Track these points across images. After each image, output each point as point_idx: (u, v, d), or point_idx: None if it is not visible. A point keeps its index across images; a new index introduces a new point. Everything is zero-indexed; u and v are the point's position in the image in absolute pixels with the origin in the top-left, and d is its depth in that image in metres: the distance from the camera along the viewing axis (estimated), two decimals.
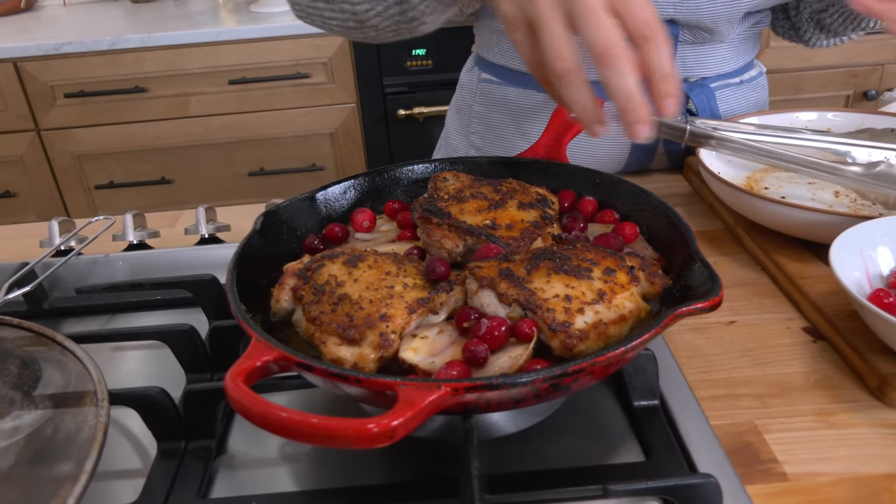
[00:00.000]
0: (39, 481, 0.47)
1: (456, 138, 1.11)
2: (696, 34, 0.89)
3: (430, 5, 0.73)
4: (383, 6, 0.75)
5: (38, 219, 2.18)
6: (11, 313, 0.70)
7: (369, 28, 0.77)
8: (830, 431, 0.54)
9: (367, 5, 0.75)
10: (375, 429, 0.39)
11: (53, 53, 1.95)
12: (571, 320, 0.49)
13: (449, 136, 1.13)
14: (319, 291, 0.53)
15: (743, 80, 0.99)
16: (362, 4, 0.75)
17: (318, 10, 0.79)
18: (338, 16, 0.78)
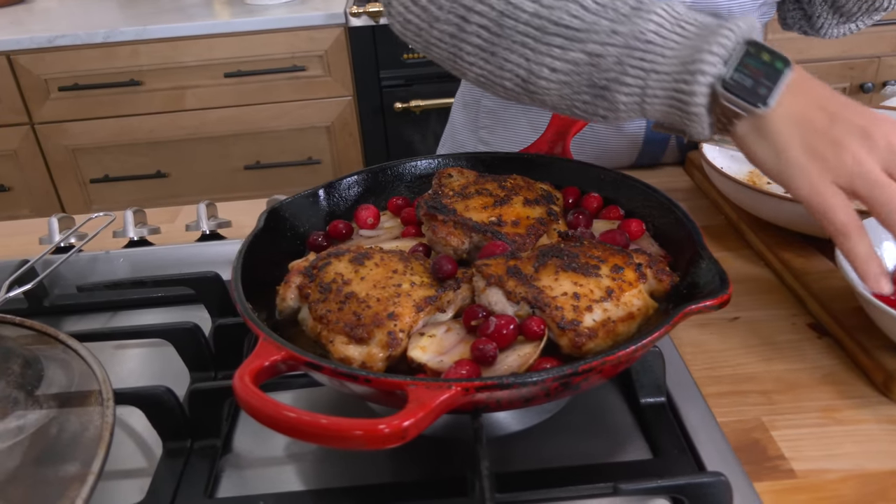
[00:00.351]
0: (46, 482, 0.46)
1: (463, 134, 1.09)
2: None
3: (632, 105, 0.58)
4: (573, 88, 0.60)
5: (32, 213, 2.16)
6: (12, 311, 0.70)
7: (539, 96, 0.62)
8: (837, 428, 0.54)
9: (555, 79, 0.59)
10: (387, 430, 0.39)
11: (47, 46, 1.93)
12: (580, 318, 0.49)
13: (455, 131, 1.12)
14: (326, 290, 0.53)
15: None
16: (549, 75, 0.59)
17: (457, 49, 0.63)
18: (495, 71, 0.62)
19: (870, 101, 2.15)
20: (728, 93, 0.52)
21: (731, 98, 0.52)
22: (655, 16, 0.54)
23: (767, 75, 0.52)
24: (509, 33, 0.59)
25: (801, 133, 0.53)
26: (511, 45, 0.59)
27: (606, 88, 0.56)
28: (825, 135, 0.52)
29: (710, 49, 0.52)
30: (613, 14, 0.56)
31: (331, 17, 1.95)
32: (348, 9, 1.94)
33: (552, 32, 0.57)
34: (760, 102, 0.52)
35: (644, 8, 0.55)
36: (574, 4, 0.56)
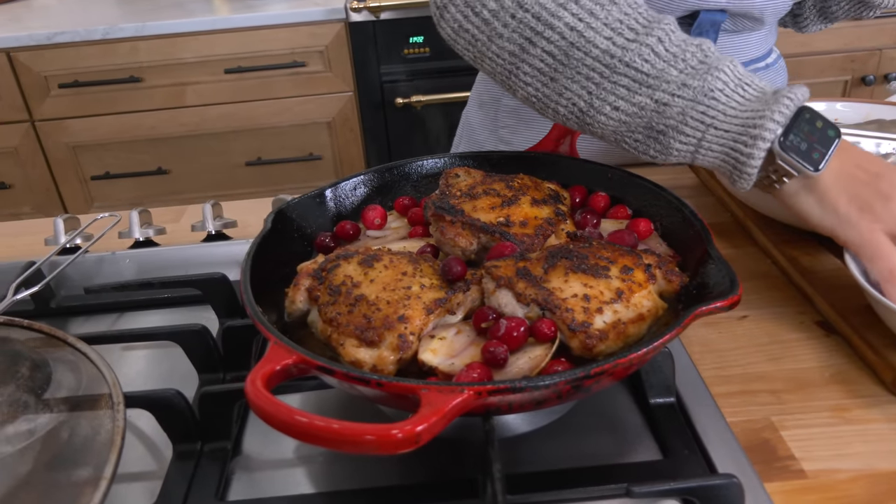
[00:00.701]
0: (58, 486, 0.47)
1: (481, 133, 1.08)
2: (738, 23, 0.88)
3: None
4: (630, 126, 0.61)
5: (33, 210, 2.16)
6: (19, 313, 0.70)
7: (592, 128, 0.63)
8: (847, 427, 0.54)
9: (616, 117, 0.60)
10: (399, 434, 0.39)
11: (47, 43, 1.92)
12: (591, 320, 0.49)
13: (473, 131, 1.11)
14: (335, 292, 0.53)
15: (768, 63, 0.99)
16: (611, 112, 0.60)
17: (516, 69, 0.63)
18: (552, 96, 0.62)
19: (871, 94, 2.15)
20: (785, 153, 0.56)
21: (787, 159, 0.56)
22: (723, 74, 0.58)
23: (820, 141, 0.57)
24: (576, 64, 0.60)
25: (847, 188, 0.58)
26: (575, 76, 0.60)
27: (663, 133, 0.59)
28: (871, 189, 0.57)
29: (772, 116, 0.56)
30: (683, 65, 0.58)
31: (331, 12, 1.94)
32: (348, 4, 1.93)
33: (621, 73, 0.59)
34: (813, 165, 0.56)
35: (712, 63, 0.58)
36: (647, 49, 0.58)
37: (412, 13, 1.98)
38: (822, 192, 0.58)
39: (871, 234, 0.57)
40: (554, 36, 0.60)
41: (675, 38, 0.59)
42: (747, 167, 0.57)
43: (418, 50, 2.03)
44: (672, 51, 0.59)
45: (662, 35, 0.59)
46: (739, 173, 0.58)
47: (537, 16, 0.61)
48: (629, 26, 0.60)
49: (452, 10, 0.65)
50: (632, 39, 0.59)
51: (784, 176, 0.57)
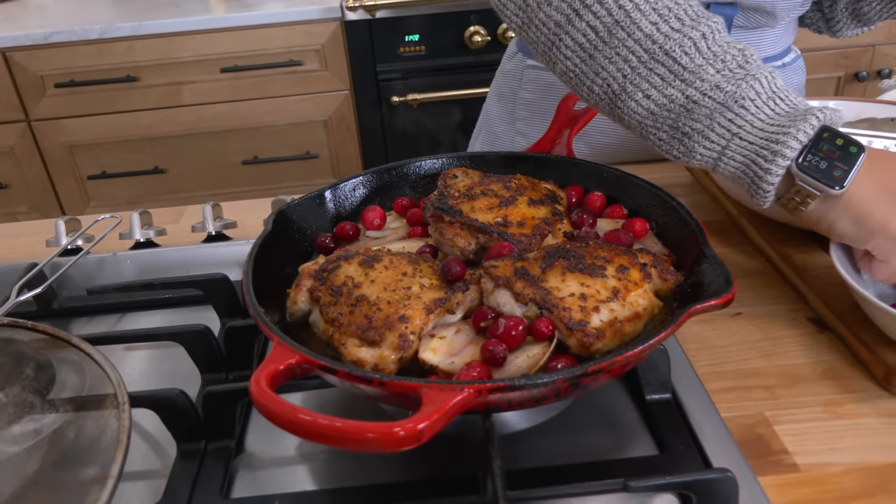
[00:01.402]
0: (65, 486, 0.47)
1: (499, 126, 1.09)
2: (751, 18, 0.88)
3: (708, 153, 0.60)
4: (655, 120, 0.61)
5: (30, 210, 2.16)
6: (21, 314, 0.71)
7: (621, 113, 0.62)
8: (839, 422, 0.55)
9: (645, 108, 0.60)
10: (402, 432, 0.40)
11: (43, 43, 1.92)
12: (588, 319, 0.50)
13: (491, 123, 1.11)
14: (337, 293, 0.54)
15: (785, 63, 0.99)
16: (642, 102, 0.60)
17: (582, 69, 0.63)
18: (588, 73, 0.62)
19: (864, 91, 2.16)
20: (803, 173, 0.55)
21: (806, 179, 0.55)
22: (757, 83, 0.57)
23: (842, 158, 0.55)
24: (617, 44, 0.59)
25: (883, 198, 0.56)
26: (614, 57, 0.60)
27: (688, 136, 0.59)
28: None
29: (795, 134, 0.55)
30: (721, 66, 0.57)
31: (327, 11, 1.95)
32: (344, 3, 1.94)
33: (659, 60, 0.58)
34: (838, 185, 0.55)
35: (749, 69, 0.57)
36: (689, 42, 0.58)
37: (408, 11, 1.99)
38: (854, 208, 0.56)
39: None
40: (601, 11, 0.60)
41: (720, 38, 0.59)
42: (764, 183, 0.56)
43: (414, 48, 2.03)
44: (714, 49, 0.58)
45: (707, 31, 0.58)
46: (756, 188, 0.57)
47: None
48: (677, 16, 0.59)
49: None
50: (676, 29, 0.58)
51: (808, 197, 0.57)
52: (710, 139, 0.58)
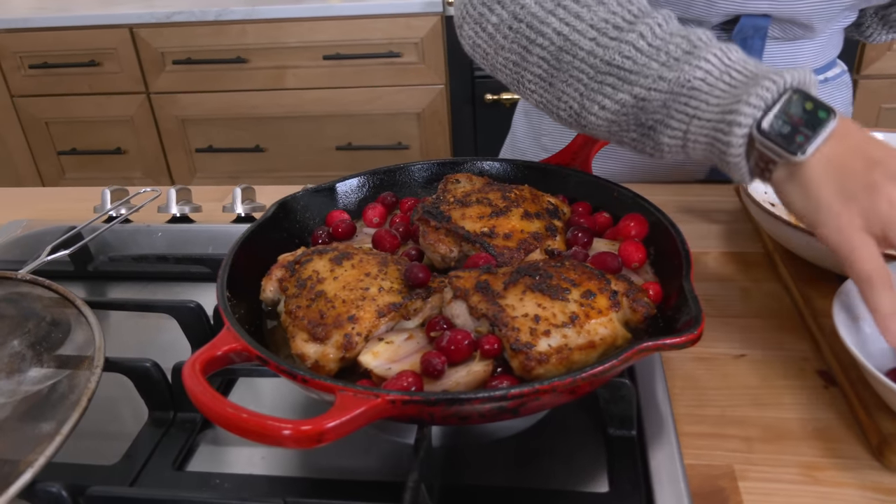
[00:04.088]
0: (23, 436, 0.51)
1: (525, 142, 1.08)
2: (787, 30, 0.84)
3: None
4: None
5: (143, 175, 2.32)
6: (58, 272, 0.76)
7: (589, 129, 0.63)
8: (814, 488, 0.50)
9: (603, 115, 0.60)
10: (288, 432, 0.40)
11: (165, 22, 2.06)
12: (535, 342, 0.48)
13: (516, 139, 1.11)
14: (301, 286, 0.55)
15: (827, 77, 0.94)
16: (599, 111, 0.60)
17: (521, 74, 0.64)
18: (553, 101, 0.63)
19: None
20: (764, 138, 0.51)
21: (766, 143, 0.52)
22: (705, 62, 0.55)
23: (808, 123, 0.51)
24: (567, 68, 0.60)
25: (836, 177, 0.51)
26: (568, 80, 0.61)
27: (653, 129, 0.58)
28: (861, 179, 0.50)
29: (747, 100, 0.52)
30: (665, 57, 0.56)
31: (429, 4, 1.97)
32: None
33: (604, 72, 0.58)
34: (798, 151, 0.51)
35: (696, 53, 0.56)
36: (627, 46, 0.57)
37: None
38: (807, 181, 0.52)
39: (849, 230, 0.50)
40: (545, 42, 0.61)
41: (661, 32, 0.57)
42: (729, 156, 0.53)
43: None
44: (655, 44, 0.56)
45: (645, 30, 0.57)
46: (727, 165, 0.54)
47: (530, 25, 0.61)
48: (614, 24, 0.58)
49: (466, 29, 0.68)
50: (614, 38, 0.58)
51: (770, 163, 0.52)
52: (671, 126, 0.56)
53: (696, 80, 0.54)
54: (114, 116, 2.23)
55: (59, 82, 2.19)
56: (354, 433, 0.56)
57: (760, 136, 0.51)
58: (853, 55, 1.92)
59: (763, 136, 0.51)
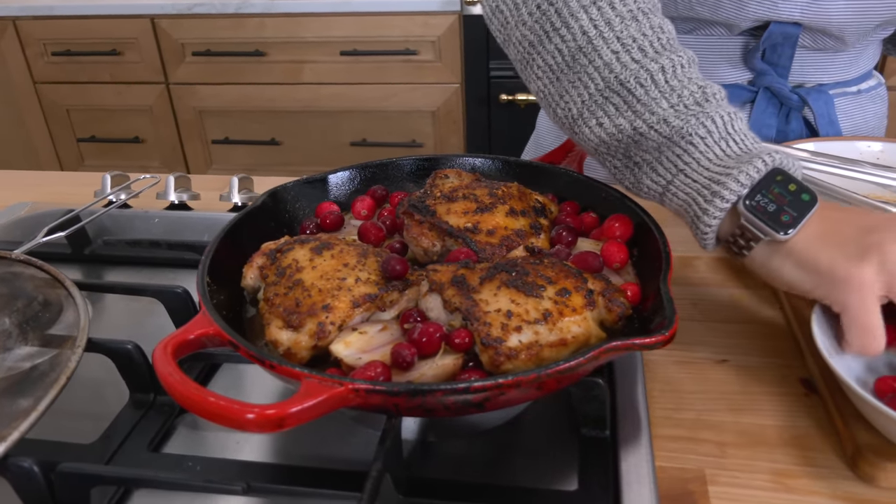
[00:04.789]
0: (2, 411, 0.52)
1: (547, 138, 1.08)
2: (818, 40, 0.84)
3: None
4: None
5: (160, 165, 2.35)
6: (56, 255, 0.78)
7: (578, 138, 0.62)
8: (784, 496, 0.50)
9: None
10: (252, 416, 0.40)
11: (186, 13, 2.08)
12: (505, 337, 0.48)
13: (540, 136, 1.11)
14: (280, 274, 0.55)
15: (861, 89, 0.92)
16: None
17: None
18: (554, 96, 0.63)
19: None
20: (751, 215, 0.52)
21: (753, 221, 0.53)
22: (710, 122, 0.55)
23: (792, 204, 0.53)
24: (578, 70, 0.60)
25: (832, 245, 0.52)
26: (576, 82, 0.60)
27: (638, 166, 0.58)
28: (861, 242, 0.51)
29: (737, 176, 0.53)
30: (677, 101, 0.56)
31: (447, 3, 1.97)
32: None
33: (614, 90, 0.58)
34: (784, 229, 0.52)
35: (706, 108, 0.56)
36: (645, 74, 0.57)
37: None
38: (799, 253, 0.53)
39: (870, 301, 0.50)
40: (567, 35, 0.60)
41: (682, 73, 0.57)
42: (702, 223, 0.54)
43: None
44: (672, 83, 0.56)
45: (668, 65, 0.57)
46: (697, 229, 0.55)
47: (559, 11, 0.60)
48: (640, 47, 0.58)
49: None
50: (636, 60, 0.57)
51: (751, 240, 0.54)
52: (658, 172, 0.56)
53: (697, 136, 0.55)
54: (133, 105, 2.26)
55: (81, 70, 2.22)
56: (333, 425, 0.57)
57: (747, 213, 0.52)
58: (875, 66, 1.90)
59: (749, 211, 0.52)
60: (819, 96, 0.88)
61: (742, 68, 0.87)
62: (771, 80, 0.86)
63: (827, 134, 0.88)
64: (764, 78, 0.86)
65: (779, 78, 0.86)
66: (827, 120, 0.89)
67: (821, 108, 0.88)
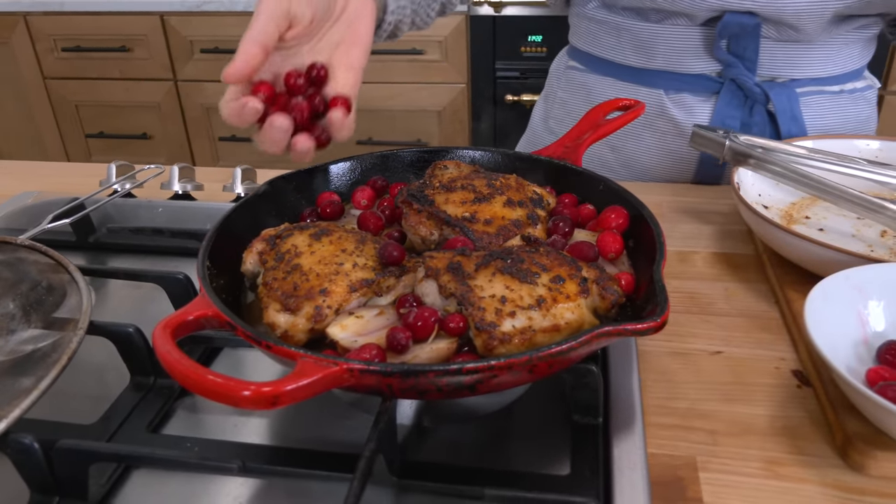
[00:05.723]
0: (4, 390, 0.53)
1: (540, 127, 1.10)
2: (781, 31, 0.85)
3: None
4: None
5: (167, 161, 2.37)
6: (61, 242, 0.79)
7: None
8: (774, 483, 0.50)
9: None
10: (248, 392, 0.41)
11: (195, 10, 2.10)
12: (499, 322, 0.49)
13: (534, 125, 1.13)
14: (279, 259, 0.56)
15: (843, 89, 0.92)
16: None
17: None
18: None
19: None
20: None
21: None
22: None
23: None
24: None
25: None
26: None
27: None
28: None
29: None
30: None
31: None
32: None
33: None
34: None
35: None
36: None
37: (534, 11, 1.98)
38: None
39: None
40: None
41: None
42: None
43: (536, 49, 2.02)
44: None
45: None
46: None
47: None
48: None
49: None
50: None
51: None
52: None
53: None
54: (141, 102, 2.28)
55: (91, 66, 2.24)
56: (330, 408, 0.58)
57: None
58: (880, 71, 1.89)
59: None
60: (783, 91, 0.89)
61: (709, 59, 0.88)
62: (737, 72, 0.87)
63: (789, 130, 0.89)
64: (731, 70, 0.87)
65: (746, 71, 0.87)
66: (789, 115, 0.89)
67: (783, 103, 0.89)
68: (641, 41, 0.90)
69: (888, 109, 1.93)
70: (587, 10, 0.96)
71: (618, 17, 0.91)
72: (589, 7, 0.95)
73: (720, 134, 0.76)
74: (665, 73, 0.91)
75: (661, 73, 0.91)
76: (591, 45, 0.98)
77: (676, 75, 0.91)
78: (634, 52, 0.92)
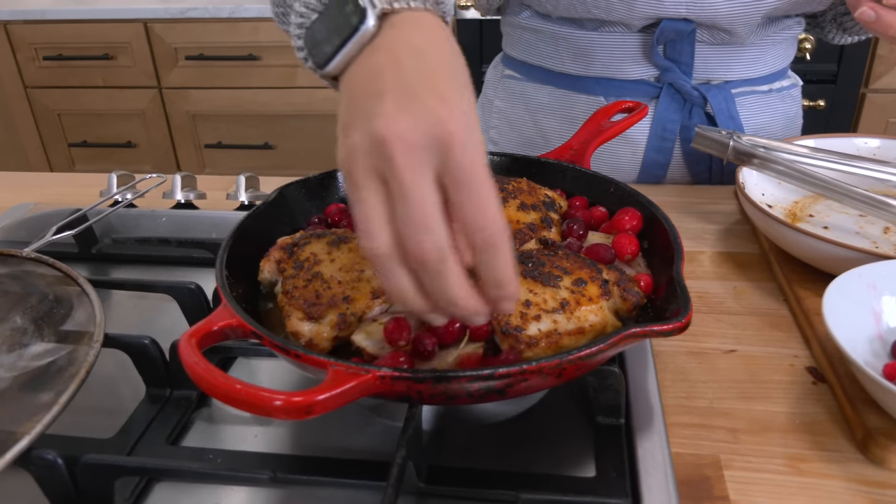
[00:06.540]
0: (22, 407, 0.52)
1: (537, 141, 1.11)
2: (714, 35, 0.87)
3: None
4: None
5: (153, 169, 2.35)
6: (62, 253, 0.78)
7: None
8: (797, 478, 0.51)
9: None
10: (279, 402, 0.41)
11: (179, 17, 2.08)
12: (525, 326, 0.49)
13: None
14: (298, 267, 0.56)
15: (772, 88, 0.96)
16: None
17: None
18: None
19: None
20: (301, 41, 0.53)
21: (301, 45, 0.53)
22: None
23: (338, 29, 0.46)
24: None
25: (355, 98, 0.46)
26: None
27: None
28: None
29: None
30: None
31: None
32: (457, 1, 1.97)
33: None
34: (320, 60, 0.48)
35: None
36: None
37: None
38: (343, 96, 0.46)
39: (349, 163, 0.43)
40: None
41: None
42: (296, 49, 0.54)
43: None
44: None
45: None
46: None
47: None
48: None
49: None
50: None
51: None
52: None
53: None
54: (125, 110, 2.26)
55: (73, 74, 2.22)
56: (350, 415, 0.58)
57: (297, 38, 0.53)
58: (861, 69, 1.93)
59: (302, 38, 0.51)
60: (719, 93, 0.91)
61: (646, 64, 0.90)
62: (674, 76, 0.89)
63: None
64: (668, 74, 0.89)
65: (682, 75, 0.89)
66: (727, 115, 0.92)
67: (720, 104, 0.91)
68: (580, 49, 0.91)
69: (869, 107, 1.96)
70: (521, 19, 0.96)
71: (554, 27, 0.92)
72: (523, 16, 0.96)
73: (724, 134, 0.76)
74: (603, 79, 0.93)
75: (600, 79, 0.93)
76: (527, 54, 0.98)
77: (615, 81, 0.92)
78: (573, 59, 0.93)
